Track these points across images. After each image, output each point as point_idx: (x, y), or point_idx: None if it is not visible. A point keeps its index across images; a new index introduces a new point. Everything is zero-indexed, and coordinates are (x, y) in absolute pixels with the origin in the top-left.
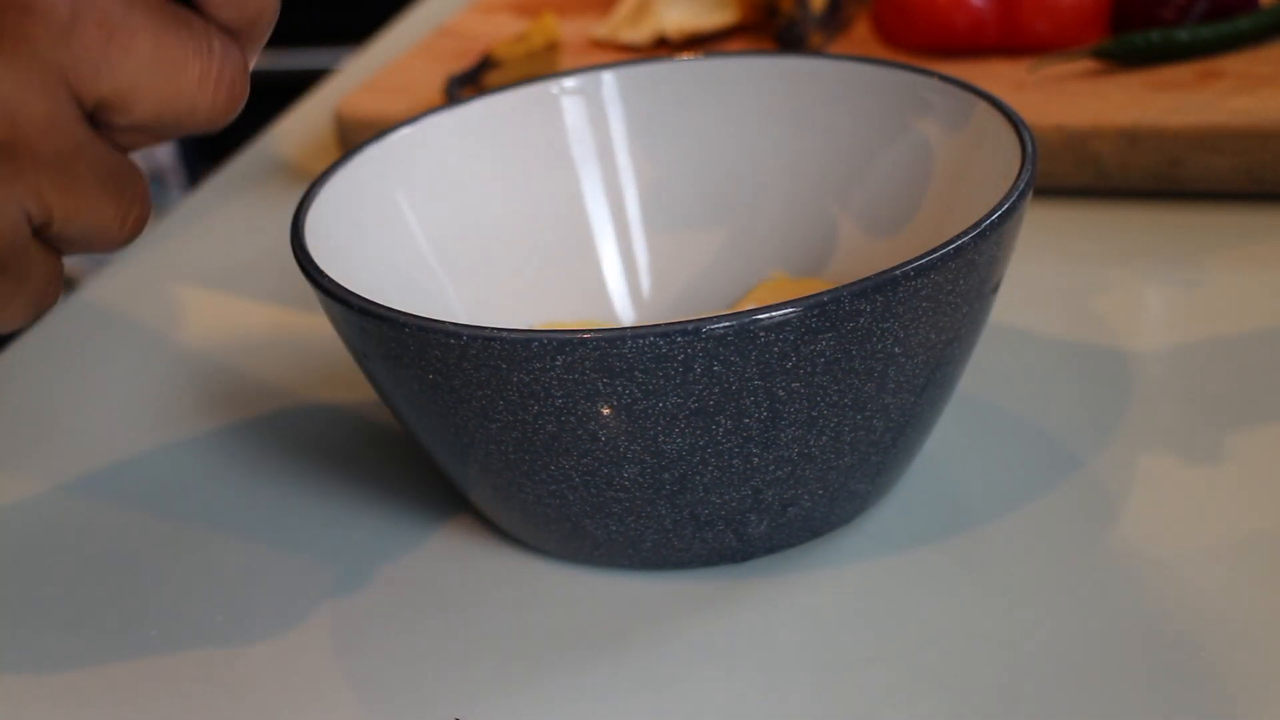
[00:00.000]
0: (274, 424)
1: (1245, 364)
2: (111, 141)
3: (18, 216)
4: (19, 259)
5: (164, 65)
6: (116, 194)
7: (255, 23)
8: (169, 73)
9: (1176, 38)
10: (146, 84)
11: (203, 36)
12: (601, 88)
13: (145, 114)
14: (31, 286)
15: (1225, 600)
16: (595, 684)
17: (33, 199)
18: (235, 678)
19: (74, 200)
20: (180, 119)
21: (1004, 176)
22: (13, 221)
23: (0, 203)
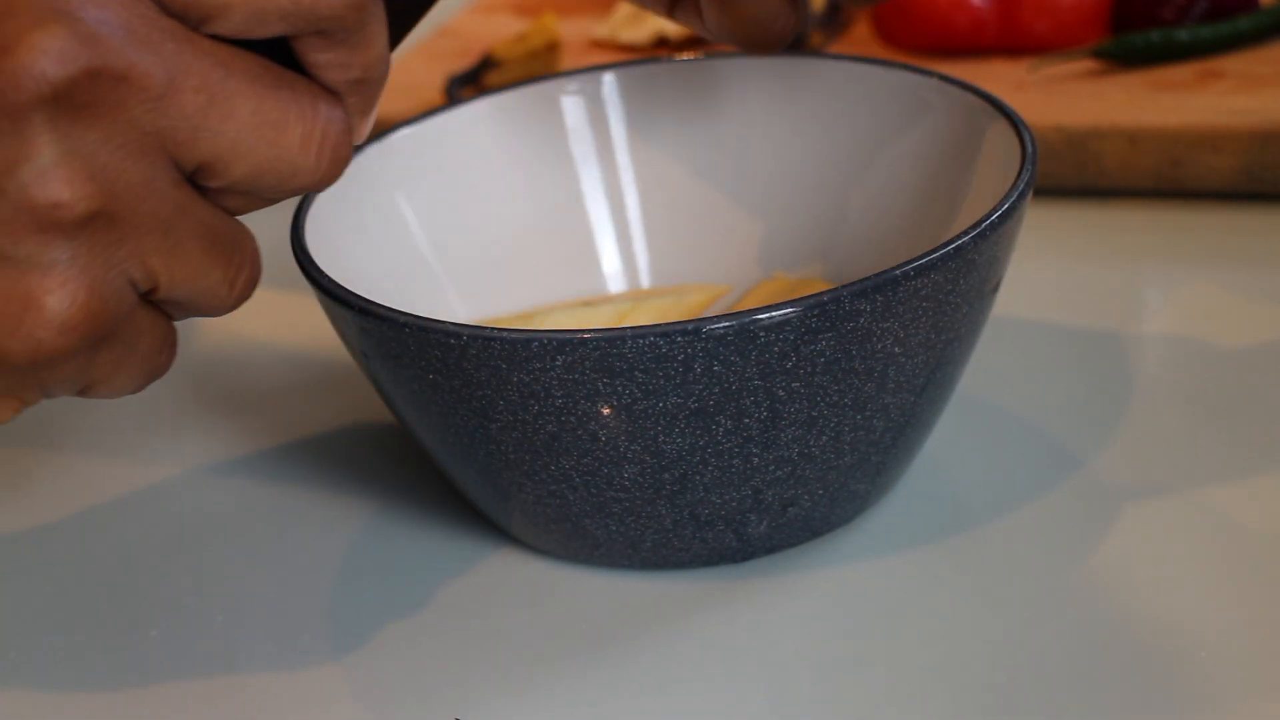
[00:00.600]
0: (274, 424)
1: (1245, 364)
2: (218, 204)
3: (122, 284)
4: (126, 326)
5: (264, 128)
6: (223, 257)
7: (363, 83)
8: (270, 135)
9: (1176, 38)
10: (246, 147)
11: (306, 98)
12: (601, 88)
13: (244, 176)
14: (141, 353)
15: (1225, 601)
16: (595, 684)
17: (136, 265)
18: (235, 678)
19: (178, 264)
20: (282, 181)
21: (1004, 176)
22: (117, 289)
23: (103, 270)
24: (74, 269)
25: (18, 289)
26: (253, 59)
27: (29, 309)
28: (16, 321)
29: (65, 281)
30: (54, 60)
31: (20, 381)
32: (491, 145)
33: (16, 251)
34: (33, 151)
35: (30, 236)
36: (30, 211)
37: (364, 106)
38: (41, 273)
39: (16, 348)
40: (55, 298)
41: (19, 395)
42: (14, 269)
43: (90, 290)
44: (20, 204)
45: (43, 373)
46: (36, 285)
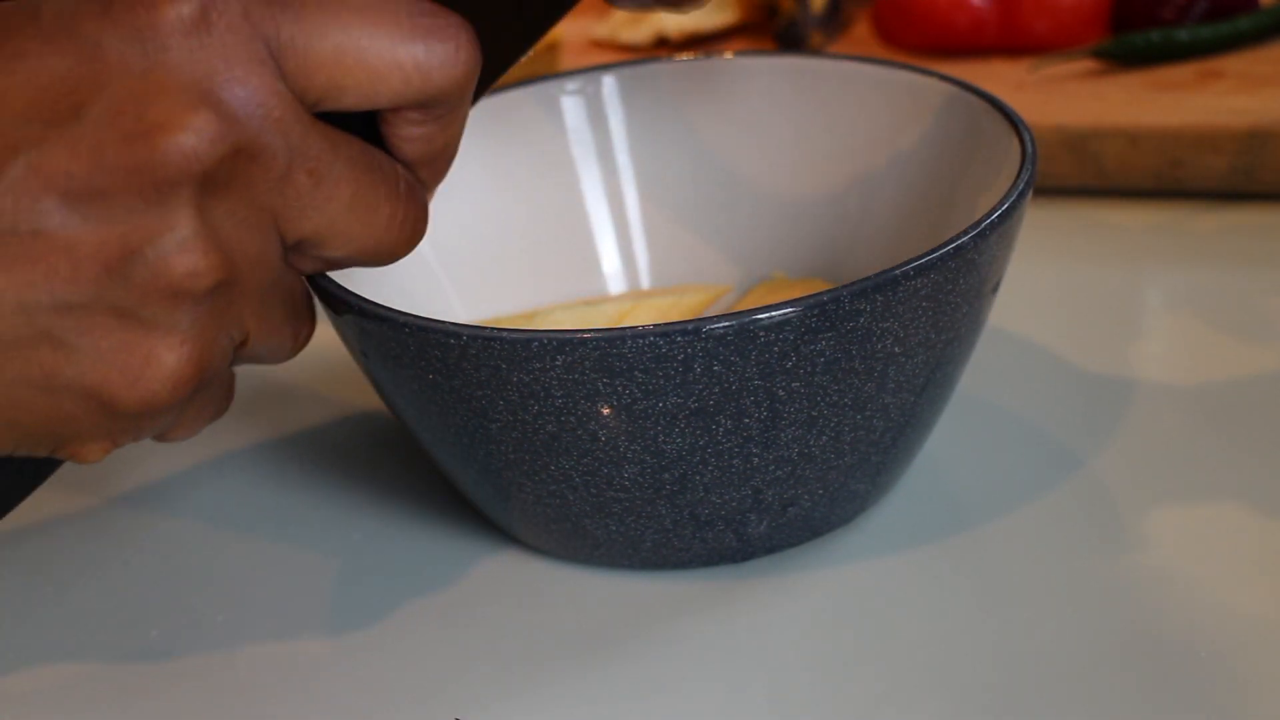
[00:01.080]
0: (273, 424)
1: (1245, 364)
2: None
3: (226, 343)
4: (218, 379)
5: (360, 209)
6: (296, 317)
7: (438, 158)
8: (365, 215)
9: (1176, 38)
10: (344, 226)
11: (393, 178)
12: (601, 88)
13: (339, 253)
14: (217, 400)
15: (1225, 601)
16: (595, 684)
17: (238, 325)
18: (235, 678)
19: (266, 324)
20: (367, 256)
21: (1004, 176)
22: (221, 347)
23: (217, 334)
24: (193, 331)
25: (142, 346)
26: (355, 142)
27: (149, 365)
28: (136, 376)
29: (184, 341)
30: (206, 142)
31: (120, 427)
32: (491, 145)
33: (145, 313)
34: (175, 224)
35: (161, 301)
36: (167, 278)
37: (436, 180)
38: (165, 333)
39: (132, 398)
40: (175, 355)
41: (114, 439)
42: (141, 327)
43: (203, 349)
44: (158, 270)
45: (145, 420)
46: (159, 344)
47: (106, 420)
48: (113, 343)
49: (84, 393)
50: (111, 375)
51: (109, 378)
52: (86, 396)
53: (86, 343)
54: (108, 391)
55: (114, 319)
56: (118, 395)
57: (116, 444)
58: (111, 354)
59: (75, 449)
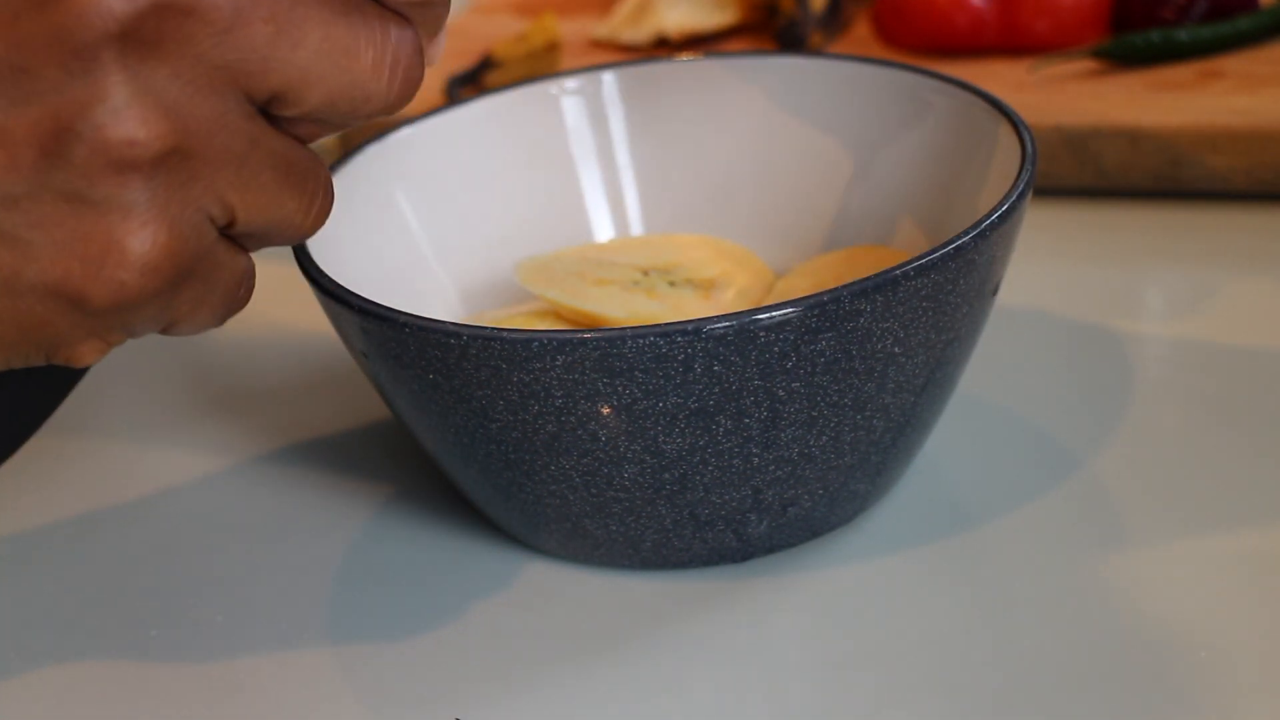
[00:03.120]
0: (274, 424)
1: (1246, 364)
2: (289, 133)
3: (199, 220)
4: (205, 262)
5: (335, 54)
6: (297, 185)
7: (431, 3)
8: (341, 61)
9: (1176, 38)
10: (318, 74)
11: (375, 22)
12: (601, 88)
13: (318, 104)
14: (222, 289)
15: (1224, 603)
16: (595, 684)
17: (213, 201)
18: (235, 678)
19: (254, 196)
20: (355, 107)
21: (1004, 176)
22: (194, 225)
23: (180, 208)
24: (153, 209)
25: (98, 232)
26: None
27: (110, 252)
28: (99, 265)
29: (145, 222)
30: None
31: (104, 324)
32: (491, 145)
33: (94, 194)
34: (105, 92)
35: (108, 178)
36: (106, 152)
37: (433, 27)
38: (121, 215)
39: (100, 291)
40: (136, 239)
41: (103, 337)
42: (93, 212)
43: (170, 230)
44: (96, 145)
45: (126, 314)
46: (117, 227)
47: (84, 318)
48: (67, 232)
49: (48, 290)
50: (73, 267)
51: (70, 270)
52: (53, 295)
53: (40, 236)
54: (73, 285)
55: (64, 206)
56: (84, 289)
57: (108, 342)
58: (69, 244)
59: (66, 352)
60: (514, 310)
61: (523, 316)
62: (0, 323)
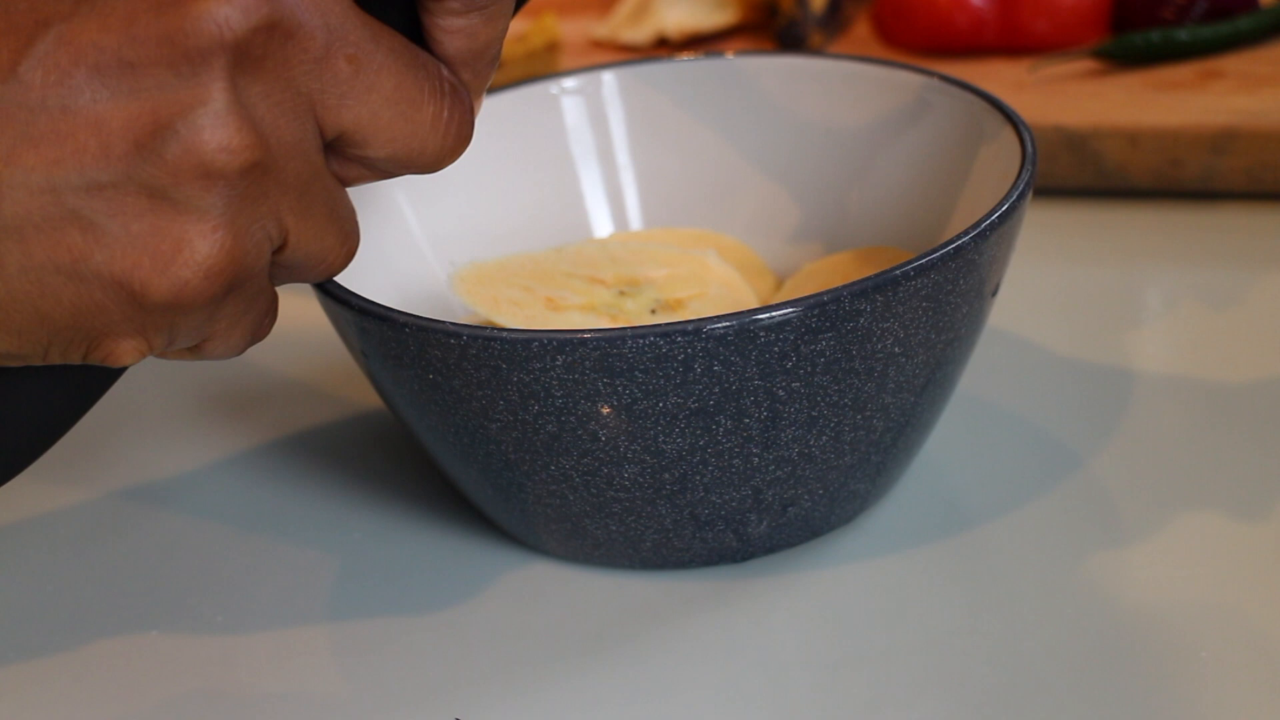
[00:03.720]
0: (274, 424)
1: (1245, 364)
2: (336, 175)
3: (261, 238)
4: (254, 281)
5: (403, 103)
6: (339, 224)
7: (483, 58)
8: (407, 111)
9: (1176, 38)
10: (386, 121)
11: (436, 76)
12: (601, 88)
13: (380, 150)
14: (255, 314)
15: (1224, 601)
16: (595, 684)
17: (274, 222)
18: (235, 678)
19: (307, 225)
20: (411, 158)
21: (1004, 176)
22: (257, 242)
23: (248, 221)
24: (226, 217)
25: (173, 229)
26: (396, 35)
27: (181, 250)
28: (167, 261)
29: (217, 228)
30: (239, 12)
31: (152, 323)
32: (491, 145)
33: (178, 193)
34: (208, 97)
35: (195, 180)
36: (199, 154)
37: (480, 84)
38: (198, 217)
39: (163, 286)
40: (207, 242)
41: (146, 338)
42: (171, 210)
43: (236, 240)
44: (190, 145)
45: (176, 316)
46: (191, 228)
47: (137, 312)
48: (144, 226)
49: (113, 279)
50: (142, 260)
51: (139, 263)
52: (116, 283)
53: (116, 225)
54: (138, 277)
55: (145, 200)
56: (148, 281)
57: (150, 344)
58: (142, 237)
59: (108, 347)
60: None
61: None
62: (57, 304)
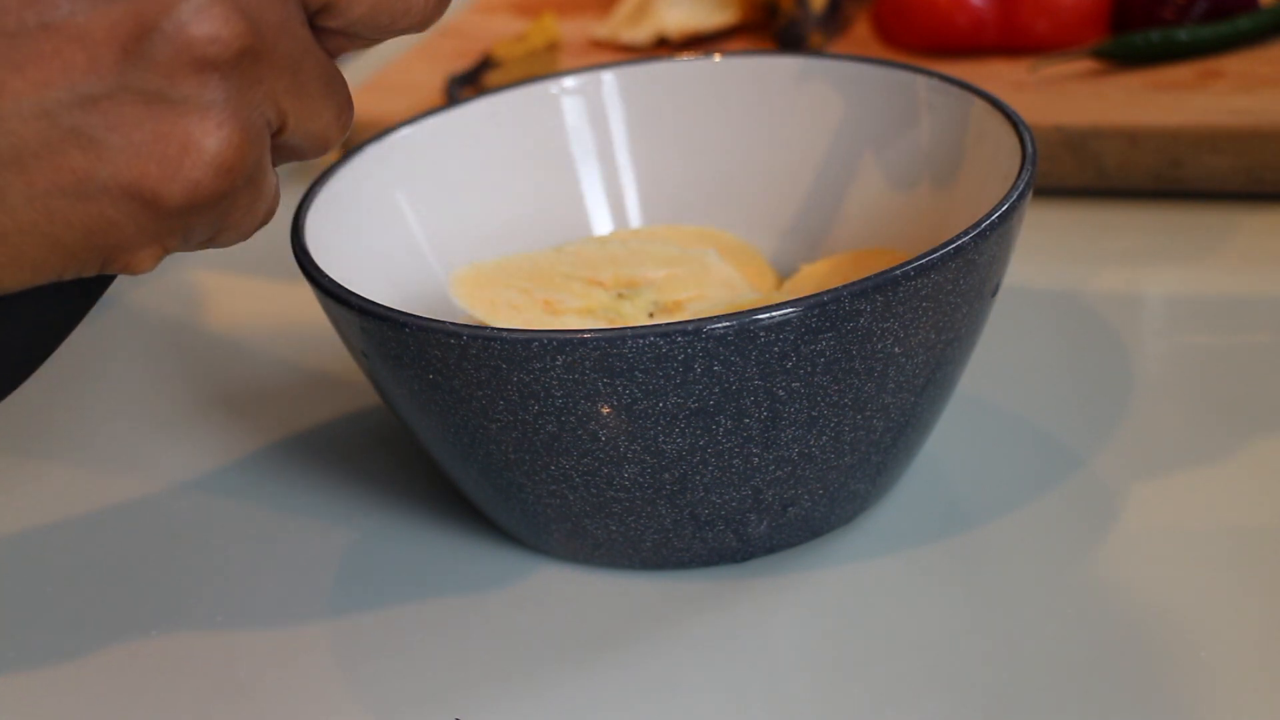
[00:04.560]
0: (273, 424)
1: (1245, 364)
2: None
3: (262, 124)
4: (261, 168)
5: None
6: (333, 96)
7: None
8: None
9: (1176, 38)
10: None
11: None
12: (601, 88)
13: (362, 15)
14: (264, 199)
15: (1224, 601)
16: (595, 684)
17: (271, 105)
18: (235, 678)
19: (303, 103)
20: (394, 20)
21: (1004, 176)
22: (258, 129)
23: (249, 110)
24: (228, 109)
25: (176, 132)
26: None
27: (188, 151)
28: (176, 164)
29: (221, 123)
30: None
31: (168, 226)
32: (491, 145)
33: (174, 93)
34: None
35: (189, 76)
36: (189, 49)
37: None
38: (199, 114)
39: (175, 190)
40: (213, 139)
41: (162, 242)
42: (171, 112)
43: (243, 130)
44: (179, 43)
45: (192, 216)
46: (195, 127)
47: (152, 220)
48: (145, 133)
49: (123, 191)
50: (149, 168)
51: (147, 170)
52: (127, 195)
53: (117, 137)
54: (148, 185)
55: (142, 106)
56: (160, 188)
57: (166, 248)
58: (146, 145)
59: (125, 259)
60: None
61: None
62: (68, 227)
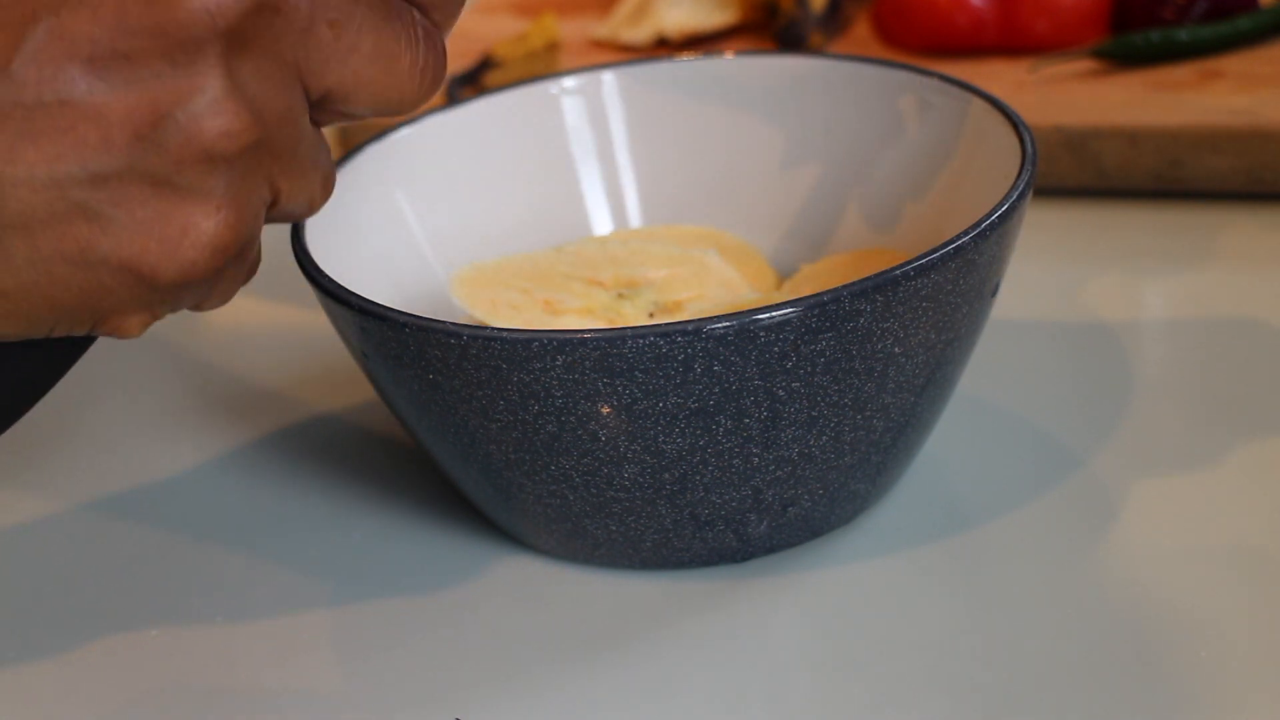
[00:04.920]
0: (274, 424)
1: (1245, 364)
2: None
3: (258, 204)
4: (251, 243)
5: (382, 59)
6: (320, 170)
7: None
8: (387, 65)
9: (1176, 38)
10: (367, 78)
11: (410, 25)
12: (601, 88)
13: (362, 105)
14: (250, 266)
15: (1224, 601)
16: (595, 684)
17: (268, 186)
18: (235, 678)
19: (296, 182)
20: (389, 108)
21: (1004, 176)
22: (255, 209)
23: (248, 194)
24: (228, 195)
25: (178, 214)
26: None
27: (188, 233)
28: (174, 245)
29: (220, 206)
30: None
31: (160, 298)
32: (491, 145)
33: (180, 179)
34: (204, 85)
35: (196, 165)
36: (199, 141)
37: (449, 23)
38: (202, 200)
39: (171, 269)
40: (211, 222)
41: (154, 311)
42: (175, 195)
43: (239, 213)
44: (190, 133)
45: (184, 291)
46: (196, 211)
47: (146, 292)
48: (148, 212)
49: (121, 265)
50: (149, 246)
51: (147, 248)
52: (124, 269)
53: (122, 214)
54: (146, 262)
55: (148, 188)
56: (157, 266)
57: (156, 316)
58: (148, 223)
59: (116, 323)
60: None
61: None
62: (66, 290)
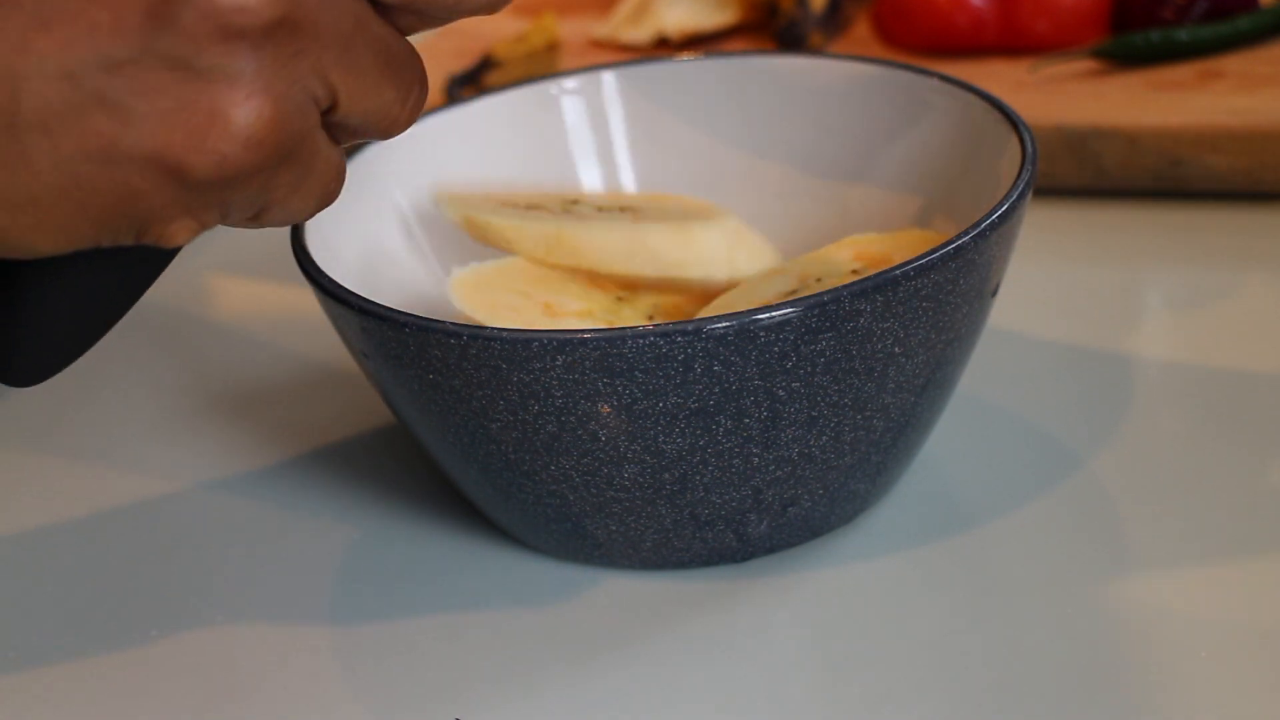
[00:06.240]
0: (274, 423)
1: (1245, 364)
2: (389, 21)
3: (303, 98)
4: (306, 145)
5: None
6: (396, 75)
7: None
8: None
9: (1176, 38)
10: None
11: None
12: (601, 88)
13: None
14: (317, 176)
15: (1224, 602)
16: (595, 684)
17: (318, 80)
18: (235, 678)
19: (356, 80)
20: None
21: (1004, 176)
22: (300, 105)
23: (286, 84)
24: (259, 81)
25: (203, 101)
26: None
27: (215, 122)
28: (201, 135)
29: (251, 94)
30: None
31: (200, 200)
32: (491, 145)
33: (200, 61)
34: None
35: (216, 45)
36: (215, 18)
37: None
38: (227, 85)
39: (201, 162)
40: (242, 110)
41: (197, 216)
42: (199, 81)
43: (275, 104)
44: (205, 10)
45: (224, 190)
46: (222, 98)
47: (181, 192)
48: (171, 101)
49: (148, 160)
50: (175, 137)
51: (172, 140)
52: (152, 164)
53: (143, 103)
54: (173, 155)
55: (168, 73)
56: (185, 159)
57: (202, 222)
58: (172, 113)
59: (158, 230)
60: None
61: None
62: (95, 194)
